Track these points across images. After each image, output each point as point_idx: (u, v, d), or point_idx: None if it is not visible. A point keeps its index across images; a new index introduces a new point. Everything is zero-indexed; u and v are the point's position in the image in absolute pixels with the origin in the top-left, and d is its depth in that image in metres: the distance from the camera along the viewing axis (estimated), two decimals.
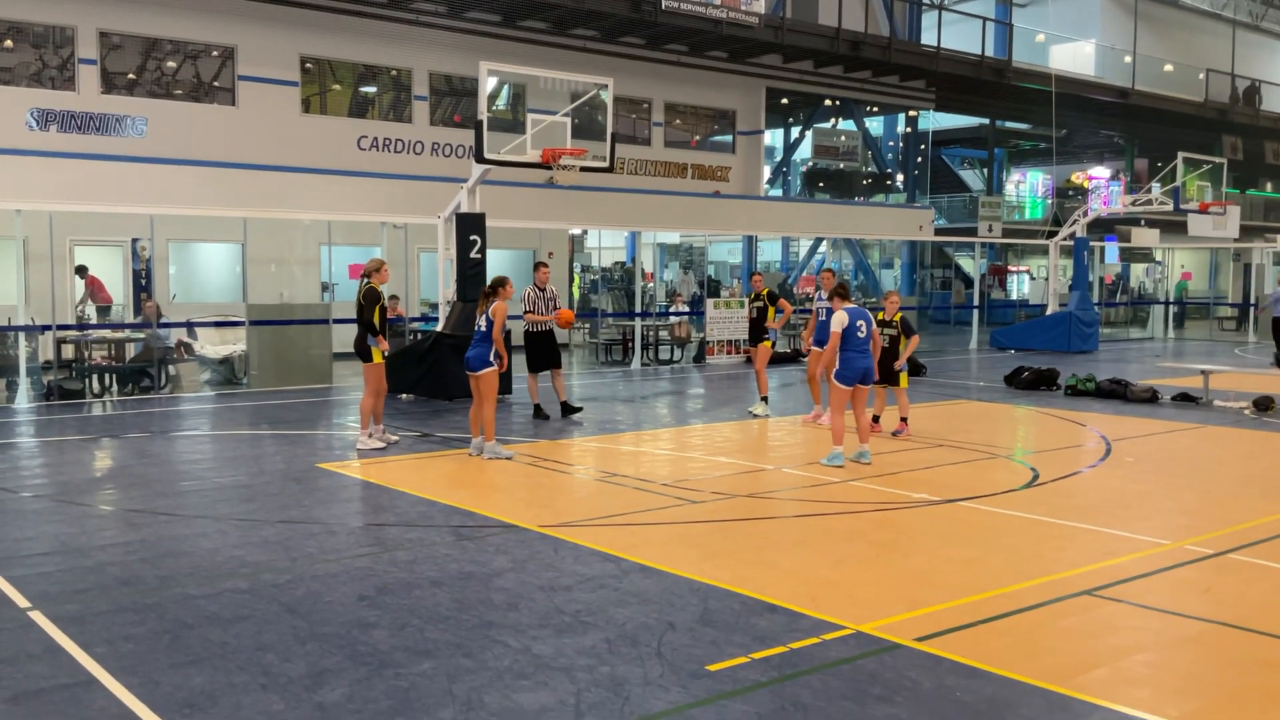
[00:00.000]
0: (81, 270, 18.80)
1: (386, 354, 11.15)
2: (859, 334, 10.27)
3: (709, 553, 7.05)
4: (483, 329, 10.52)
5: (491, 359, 10.46)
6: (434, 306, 16.55)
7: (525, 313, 13.02)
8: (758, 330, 13.54)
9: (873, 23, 30.10)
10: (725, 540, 7.41)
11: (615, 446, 11.45)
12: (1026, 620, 5.79)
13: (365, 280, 11.17)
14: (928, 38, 32.08)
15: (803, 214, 30.71)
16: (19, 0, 19.06)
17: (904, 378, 11.99)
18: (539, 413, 13.11)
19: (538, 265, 13.51)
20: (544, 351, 13.17)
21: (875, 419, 12.02)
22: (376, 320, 10.95)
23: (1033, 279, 39.79)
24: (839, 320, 10.23)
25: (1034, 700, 4.71)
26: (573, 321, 13.68)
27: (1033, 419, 13.73)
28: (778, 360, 19.15)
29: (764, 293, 13.54)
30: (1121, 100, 36.72)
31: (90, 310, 18.64)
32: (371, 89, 24.02)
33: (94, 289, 18.74)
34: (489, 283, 10.88)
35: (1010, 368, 17.85)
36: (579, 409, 13.35)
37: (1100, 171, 45.33)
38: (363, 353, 11.04)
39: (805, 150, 33.88)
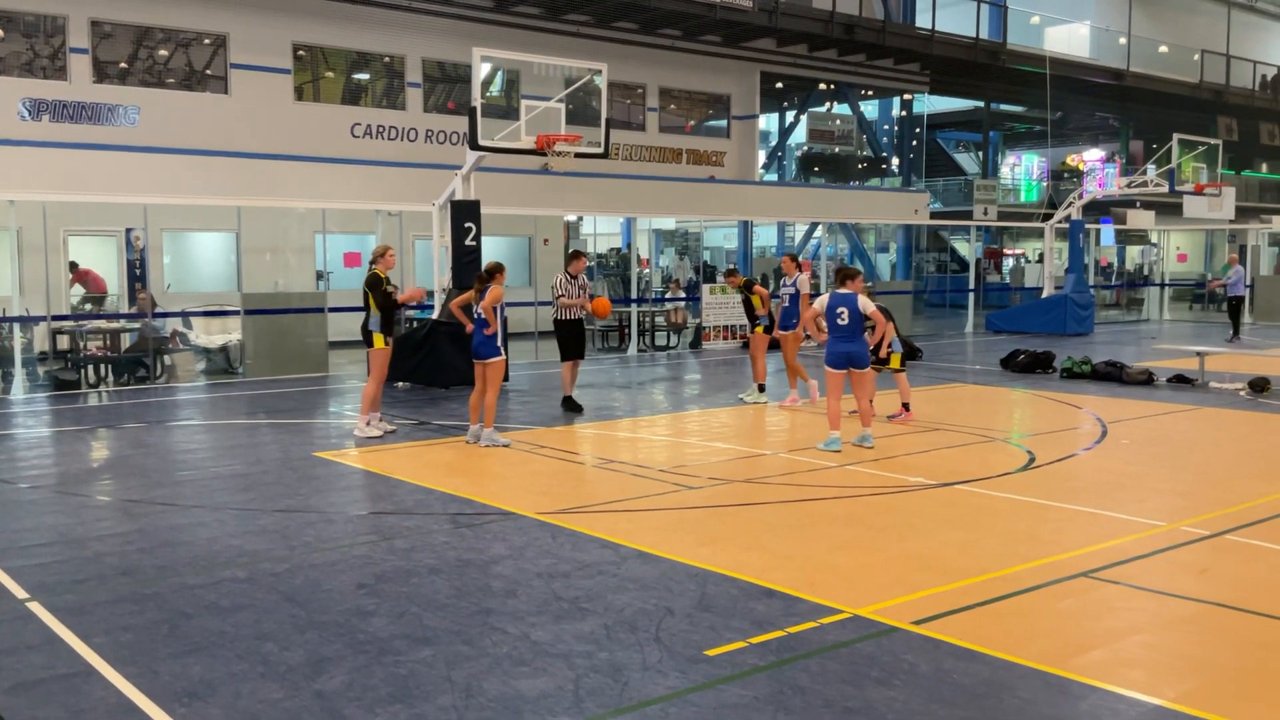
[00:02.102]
0: (72, 266, 18.74)
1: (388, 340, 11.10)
2: (839, 320, 10.27)
3: (706, 538, 7.06)
4: (480, 315, 10.49)
5: (498, 346, 10.46)
6: (430, 294, 16.54)
7: (558, 297, 12.63)
8: (753, 318, 13.59)
9: (867, 6, 30.00)
10: (722, 525, 7.42)
11: (612, 433, 11.45)
12: (1023, 603, 5.81)
13: (371, 266, 11.19)
14: (922, 20, 32.03)
15: (798, 198, 30.68)
16: None
17: (895, 359, 12.04)
18: (570, 404, 12.75)
19: (575, 254, 13.20)
20: (575, 340, 12.75)
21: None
22: (374, 306, 10.91)
23: (1028, 262, 39.79)
24: (820, 302, 10.50)
25: (1031, 682, 4.72)
26: (609, 310, 13.44)
27: (1029, 402, 13.75)
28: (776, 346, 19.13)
29: (739, 285, 13.64)
30: (1116, 82, 36.68)
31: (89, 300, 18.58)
32: (364, 76, 23.94)
33: (86, 280, 18.67)
34: (484, 268, 10.84)
35: (1006, 351, 17.86)
36: (580, 409, 12.78)
37: (1095, 154, 45.31)
38: (367, 338, 11.05)
39: (800, 134, 33.84)
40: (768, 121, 34.35)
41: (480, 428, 10.52)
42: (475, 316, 10.58)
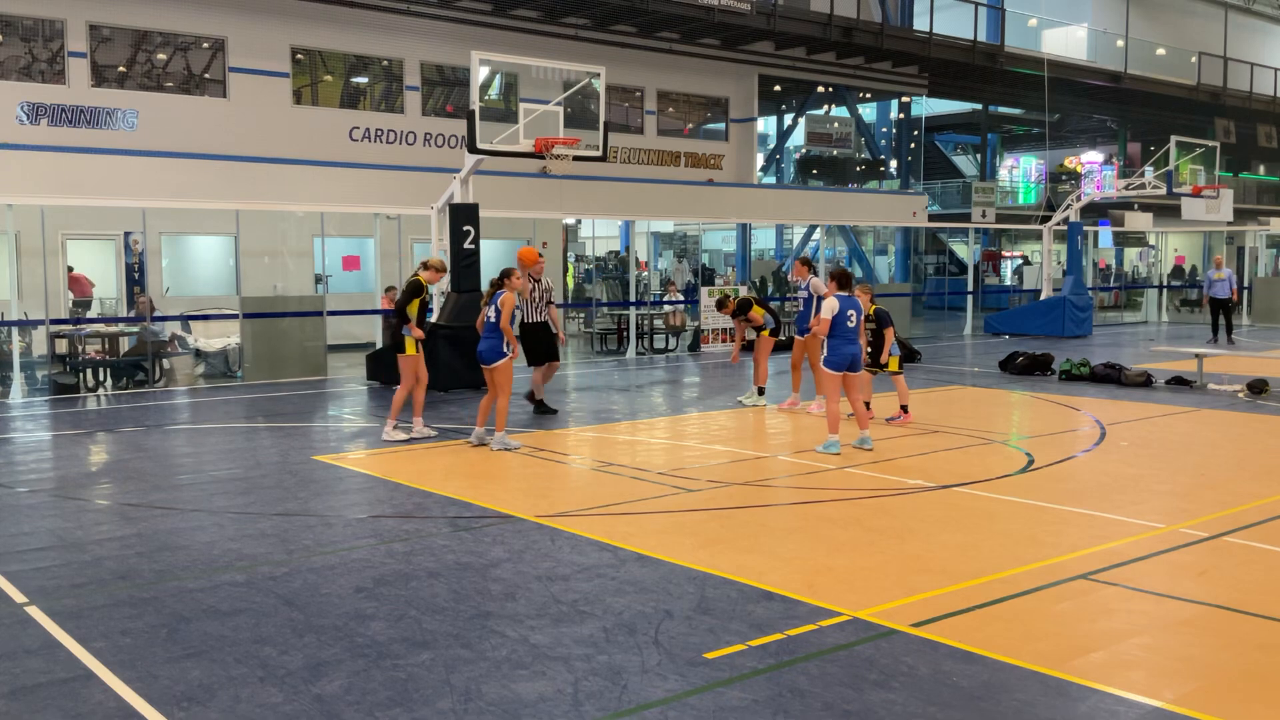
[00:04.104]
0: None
1: (421, 342, 11.06)
2: (848, 323, 10.27)
3: (705, 541, 7.06)
4: (492, 319, 10.46)
5: (504, 349, 10.42)
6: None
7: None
8: (757, 328, 13.58)
9: (865, 9, 30.04)
10: (722, 528, 7.42)
11: (611, 436, 11.45)
12: (1022, 605, 5.81)
13: (416, 272, 11.20)
14: (920, 23, 32.06)
15: (796, 201, 30.70)
16: None
17: (894, 361, 12.04)
18: (543, 407, 12.74)
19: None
20: (540, 344, 12.65)
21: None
22: (413, 311, 10.89)
23: (1029, 264, 39.85)
24: (829, 307, 10.23)
25: (1030, 684, 4.72)
26: (537, 257, 13.18)
27: (1027, 404, 13.76)
28: (776, 348, 19.13)
29: (732, 312, 13.74)
30: (1114, 84, 36.71)
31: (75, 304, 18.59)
32: (363, 79, 23.95)
33: (73, 283, 18.67)
34: (498, 273, 10.80)
35: (1005, 353, 17.87)
36: (554, 411, 12.72)
37: (1093, 156, 45.37)
38: (398, 343, 11.03)
39: (798, 137, 33.86)
40: (766, 124, 34.38)
41: (485, 431, 10.53)
42: (485, 320, 10.54)
